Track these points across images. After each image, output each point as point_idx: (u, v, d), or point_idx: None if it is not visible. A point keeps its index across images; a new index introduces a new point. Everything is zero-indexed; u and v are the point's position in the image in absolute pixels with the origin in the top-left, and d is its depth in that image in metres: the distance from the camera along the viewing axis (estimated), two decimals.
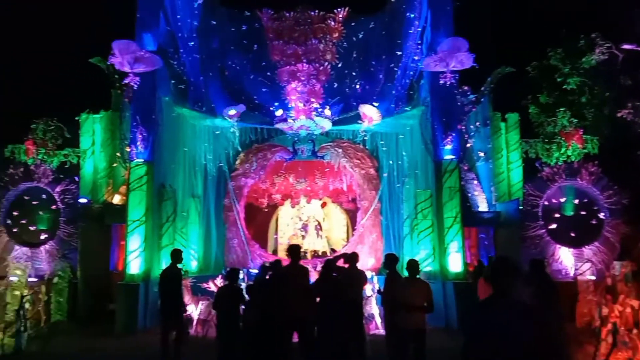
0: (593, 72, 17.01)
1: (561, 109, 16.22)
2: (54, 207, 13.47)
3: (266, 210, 17.05)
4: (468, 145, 13.93)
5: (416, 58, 13.58)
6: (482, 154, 15.11)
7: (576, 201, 13.66)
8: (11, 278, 12.62)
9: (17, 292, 11.96)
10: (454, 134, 12.74)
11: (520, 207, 14.07)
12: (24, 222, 13.37)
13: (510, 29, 19.26)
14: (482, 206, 14.81)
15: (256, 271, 11.86)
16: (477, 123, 14.83)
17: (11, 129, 16.08)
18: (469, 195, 14.62)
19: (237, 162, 15.40)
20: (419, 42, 13.63)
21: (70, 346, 10.56)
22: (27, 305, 10.74)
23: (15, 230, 13.37)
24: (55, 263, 13.28)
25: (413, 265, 7.13)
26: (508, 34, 19.08)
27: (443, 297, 12.20)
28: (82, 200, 14.06)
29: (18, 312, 10.03)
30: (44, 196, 13.49)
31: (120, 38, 12.06)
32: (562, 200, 13.65)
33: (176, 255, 8.87)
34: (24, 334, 9.76)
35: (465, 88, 13.98)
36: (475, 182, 14.88)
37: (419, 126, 13.58)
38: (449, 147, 12.72)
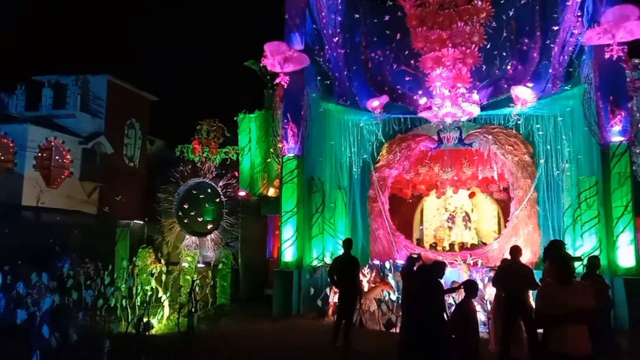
0: None
1: None
2: (217, 200, 14.75)
3: (411, 201, 16.88)
4: None
5: (576, 32, 12.30)
6: None
7: None
8: (183, 264, 14.10)
9: (188, 277, 13.31)
10: (623, 113, 11.32)
11: None
12: (192, 213, 14.80)
13: None
14: None
15: (402, 262, 11.82)
16: None
17: (180, 131, 18.01)
18: None
19: (381, 153, 15.42)
20: (579, 14, 12.33)
21: (234, 327, 11.47)
22: (197, 289, 11.89)
23: (186, 221, 14.88)
24: (220, 251, 14.55)
25: (567, 261, 5.06)
26: None
27: (612, 295, 11.00)
28: (242, 193, 15.22)
29: (190, 294, 11.12)
30: (209, 190, 14.82)
31: (271, 40, 12.71)
32: None
33: (349, 244, 9.34)
34: (195, 315, 10.68)
35: (636, 61, 12.39)
36: None
37: (580, 106, 12.30)
38: (617, 128, 11.35)
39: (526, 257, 13.44)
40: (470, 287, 6.91)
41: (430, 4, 13.20)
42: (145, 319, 10.31)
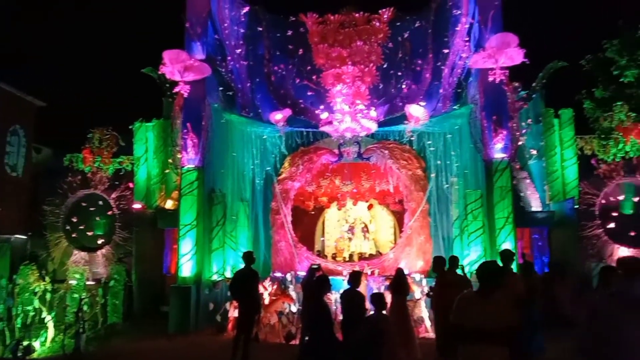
0: None
1: (618, 103, 15.52)
2: (110, 212, 13.99)
3: (313, 213, 17.11)
4: (519, 143, 13.47)
5: (464, 55, 13.30)
6: (534, 152, 14.64)
7: (636, 199, 13.15)
8: (70, 281, 13.15)
9: (76, 295, 12.41)
10: (504, 132, 12.39)
11: (576, 206, 13.63)
12: (82, 227, 13.94)
13: (563, 21, 18.67)
14: (536, 206, 14.33)
15: (304, 273, 11.92)
16: (529, 120, 14.39)
17: (69, 139, 16.85)
18: (522, 194, 14.18)
19: (284, 165, 15.52)
20: (467, 39, 13.36)
21: (126, 346, 10.86)
22: (85, 308, 11.12)
23: (74, 235, 13.95)
24: (112, 267, 13.76)
25: (488, 269, 4.51)
26: (561, 27, 18.49)
27: None
28: (136, 206, 14.52)
29: (77, 314, 10.36)
30: (100, 202, 14.04)
31: (170, 48, 12.37)
32: (621, 198, 13.16)
33: (249, 257, 9.15)
34: (83, 335, 9.98)
35: (516, 84, 13.54)
36: (528, 181, 14.41)
37: (467, 125, 13.27)
38: (499, 145, 12.38)
39: (418, 266, 14.20)
40: (378, 300, 6.84)
41: (331, 22, 13.64)
42: (25, 342, 9.49)
